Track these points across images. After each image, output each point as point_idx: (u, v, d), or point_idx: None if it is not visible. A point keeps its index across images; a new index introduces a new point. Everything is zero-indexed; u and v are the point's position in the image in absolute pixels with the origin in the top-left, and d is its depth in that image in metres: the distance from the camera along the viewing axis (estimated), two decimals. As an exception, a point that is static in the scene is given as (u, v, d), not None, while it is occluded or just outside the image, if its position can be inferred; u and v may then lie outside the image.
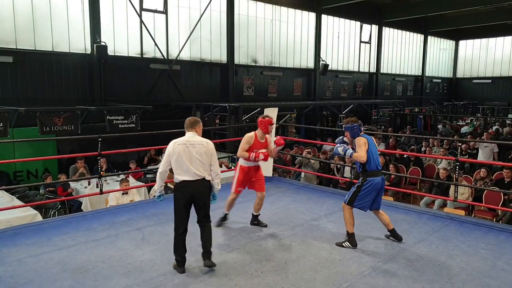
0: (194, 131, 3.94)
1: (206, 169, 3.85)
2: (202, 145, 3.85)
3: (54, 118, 9.45)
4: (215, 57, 15.52)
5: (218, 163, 4.06)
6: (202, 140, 3.89)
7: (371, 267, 3.86)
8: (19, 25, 11.29)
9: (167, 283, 3.53)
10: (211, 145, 3.91)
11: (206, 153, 3.84)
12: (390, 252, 4.21)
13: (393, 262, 3.98)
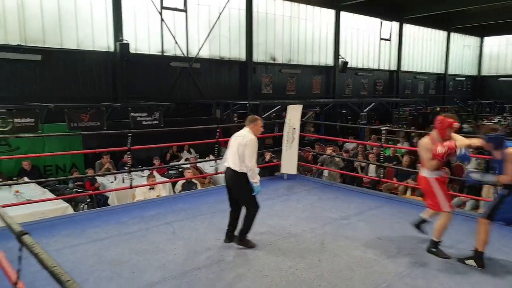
0: (249, 128, 4.23)
1: (237, 160, 4.10)
2: (241, 137, 4.15)
3: (81, 114, 9.67)
4: (234, 55, 15.57)
5: (254, 158, 4.13)
6: (245, 134, 4.17)
7: (409, 267, 3.79)
8: (47, 24, 11.55)
9: (202, 277, 3.59)
10: (248, 139, 4.09)
11: (241, 145, 4.08)
12: (427, 253, 4.10)
13: (433, 264, 3.87)
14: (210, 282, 3.48)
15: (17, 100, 10.57)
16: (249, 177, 4.08)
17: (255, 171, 4.11)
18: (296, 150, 7.03)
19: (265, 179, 7.54)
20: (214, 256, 4.03)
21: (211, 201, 6.04)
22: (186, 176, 8.38)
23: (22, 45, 11.20)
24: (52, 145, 9.79)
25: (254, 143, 4.10)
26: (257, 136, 4.25)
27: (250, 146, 4.05)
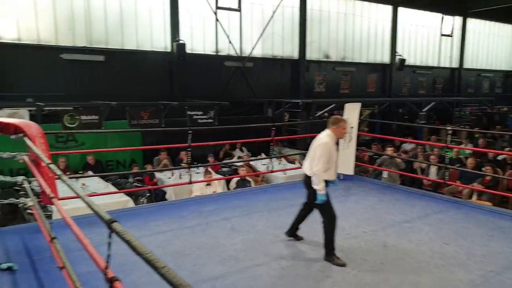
0: (330, 130, 4.02)
1: (310, 164, 3.97)
2: (317, 140, 4.01)
3: (141, 112, 10.06)
4: (287, 53, 15.51)
5: (321, 163, 3.90)
6: (321, 137, 4.01)
7: (482, 275, 3.55)
8: (110, 27, 12.16)
9: (263, 273, 3.58)
10: (320, 142, 3.93)
11: (313, 148, 3.97)
12: (503, 262, 3.83)
13: (509, 273, 3.61)
14: (272, 280, 3.46)
15: (83, 98, 11.23)
16: (312, 182, 3.89)
17: (319, 177, 3.85)
18: (353, 150, 6.85)
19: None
20: (273, 253, 4.01)
21: (266, 198, 6.04)
22: (240, 173, 8.46)
23: (88, 46, 11.88)
24: (113, 141, 10.28)
25: (325, 146, 3.87)
26: (339, 137, 4.06)
27: (320, 150, 3.86)
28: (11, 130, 4.12)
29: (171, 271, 1.12)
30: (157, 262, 1.11)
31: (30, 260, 3.89)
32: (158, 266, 1.09)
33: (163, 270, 1.07)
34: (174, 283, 1.04)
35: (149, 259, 1.14)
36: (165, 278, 1.09)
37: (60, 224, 3.18)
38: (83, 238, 1.89)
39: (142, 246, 1.29)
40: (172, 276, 1.05)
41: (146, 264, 1.26)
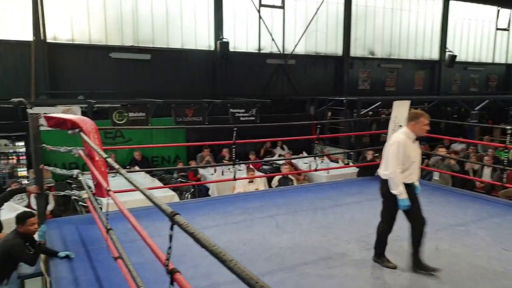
0: (408, 127, 3.61)
1: (383, 167, 3.68)
2: (389, 139, 3.77)
3: (186, 110, 10.27)
4: (331, 50, 15.26)
5: (394, 164, 3.56)
6: (394, 135, 3.72)
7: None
8: (156, 26, 12.49)
9: (311, 272, 3.53)
10: (393, 141, 3.60)
11: (385, 149, 3.69)
12: None
13: None
14: (320, 279, 3.41)
15: (130, 96, 11.62)
16: (389, 187, 3.55)
17: (394, 180, 3.48)
18: (402, 149, 6.60)
19: (366, 179, 7.26)
20: (320, 252, 3.95)
21: (311, 197, 5.97)
22: (283, 171, 8.43)
23: (135, 45, 12.27)
24: (159, 138, 10.58)
25: (398, 145, 3.49)
26: (416, 134, 3.58)
27: (392, 149, 3.51)
28: (69, 126, 4.32)
29: (240, 264, 1.11)
30: (224, 255, 1.10)
31: (85, 249, 4.07)
32: (226, 259, 1.08)
33: (231, 264, 1.06)
34: (243, 276, 1.03)
35: (215, 252, 1.14)
36: (233, 271, 1.09)
37: (111, 216, 3.30)
38: (141, 230, 1.93)
39: (207, 239, 1.30)
40: (241, 270, 1.04)
41: (214, 257, 1.26)
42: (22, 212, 4.08)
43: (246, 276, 1.02)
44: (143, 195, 1.94)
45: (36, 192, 5.01)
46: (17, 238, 3.77)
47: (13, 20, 10.66)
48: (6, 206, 5.45)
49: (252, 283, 0.99)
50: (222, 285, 3.27)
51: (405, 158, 3.52)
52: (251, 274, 1.05)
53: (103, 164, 4.32)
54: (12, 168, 8.98)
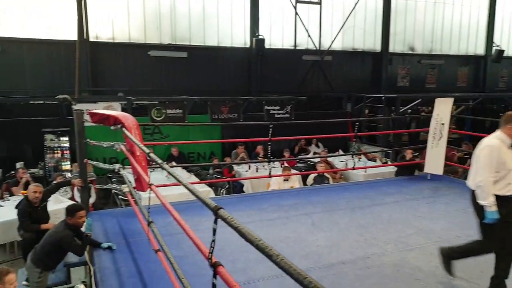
0: (502, 130, 3.21)
1: (472, 176, 3.24)
2: (479, 145, 3.27)
3: (221, 107, 10.38)
4: (368, 46, 14.93)
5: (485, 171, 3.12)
6: (485, 140, 3.27)
7: None
8: (193, 24, 12.68)
9: (348, 271, 3.48)
10: (483, 146, 3.21)
11: (475, 156, 3.26)
12: None
13: None
14: (358, 278, 3.36)
15: (167, 93, 11.87)
16: (476, 196, 3.17)
17: (484, 189, 3.07)
18: (443, 148, 6.39)
19: (405, 178, 7.08)
20: (358, 252, 3.89)
21: (348, 196, 5.88)
22: (319, 169, 8.34)
23: (172, 43, 12.51)
24: (195, 134, 10.75)
25: (490, 151, 3.11)
26: None
27: (484, 154, 3.13)
28: (111, 122, 4.46)
29: (287, 260, 1.10)
30: (270, 250, 1.10)
31: (126, 241, 4.20)
32: (272, 254, 1.08)
33: (278, 259, 1.05)
34: (291, 272, 1.02)
35: (261, 246, 1.14)
36: (280, 266, 1.08)
37: (150, 210, 3.38)
38: (183, 223, 1.97)
39: (252, 233, 1.30)
40: (288, 265, 1.03)
41: (260, 252, 1.26)
42: (72, 205, 4.27)
43: (293, 272, 1.01)
44: (187, 189, 1.98)
45: (80, 185, 5.23)
46: (66, 229, 3.94)
47: (58, 21, 11.14)
48: (52, 198, 5.73)
49: (300, 278, 0.99)
50: (259, 281, 3.28)
51: (500, 165, 3.09)
52: (298, 270, 1.04)
53: (143, 159, 4.44)
54: (57, 162, 9.39)
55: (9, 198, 6.99)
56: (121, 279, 3.36)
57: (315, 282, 0.96)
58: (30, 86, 10.94)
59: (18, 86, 10.79)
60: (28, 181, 7.29)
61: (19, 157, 8.98)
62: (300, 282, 0.99)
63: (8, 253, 6.34)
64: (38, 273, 3.99)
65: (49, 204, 5.57)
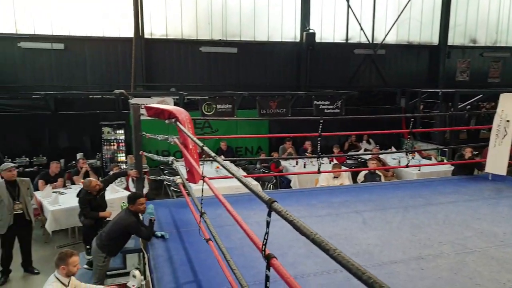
0: None
1: None
2: None
3: (270, 102, 10.38)
4: (425, 38, 14.29)
5: None
6: None
7: None
8: (243, 20, 12.78)
9: (401, 271, 3.37)
10: None
11: None
12: None
13: None
14: (411, 279, 3.23)
15: (216, 88, 12.09)
16: None
17: None
18: (508, 147, 5.97)
19: (462, 178, 6.71)
20: (411, 252, 3.74)
21: (400, 195, 5.67)
22: (370, 166, 8.11)
23: (223, 39, 12.69)
24: (243, 129, 10.85)
25: None
26: None
27: None
28: (166, 116, 4.61)
29: (344, 254, 1.08)
30: (327, 244, 1.08)
31: (177, 231, 4.34)
32: (329, 248, 1.06)
33: (335, 253, 1.03)
34: (349, 267, 1.00)
35: (317, 240, 1.12)
36: (337, 261, 1.06)
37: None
38: (236, 215, 1.99)
39: (307, 227, 1.29)
40: (346, 260, 1.01)
41: (316, 246, 1.24)
42: (132, 193, 4.52)
43: (352, 266, 0.99)
44: (240, 182, 2.00)
45: (136, 176, 5.46)
46: (131, 216, 4.15)
47: (115, 19, 11.67)
48: (109, 188, 6.05)
49: (359, 273, 0.96)
50: (309, 276, 3.26)
51: None
52: (357, 264, 1.02)
53: (195, 152, 4.55)
54: (113, 154, 9.87)
55: (71, 186, 7.43)
56: (173, 267, 3.48)
57: (374, 278, 0.93)
58: (90, 81, 11.59)
59: (79, 81, 11.47)
60: (88, 171, 7.73)
61: (79, 148, 9.53)
62: (358, 277, 0.97)
63: (69, 237, 6.79)
64: (103, 258, 4.24)
65: (106, 193, 5.88)
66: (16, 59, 11.01)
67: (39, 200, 6.67)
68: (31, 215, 5.57)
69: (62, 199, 6.57)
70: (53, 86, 11.06)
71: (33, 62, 11.12)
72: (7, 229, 5.33)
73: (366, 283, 0.97)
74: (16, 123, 9.26)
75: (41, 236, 6.85)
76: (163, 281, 3.21)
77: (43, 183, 7.19)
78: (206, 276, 3.26)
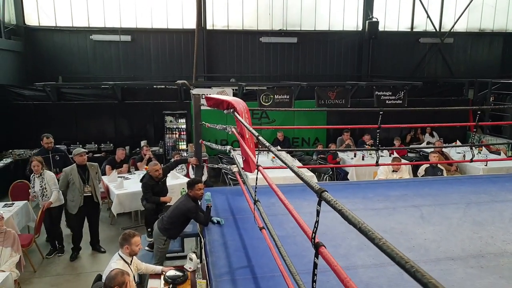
0: None
1: None
2: None
3: (328, 92, 10.27)
4: (499, 26, 13.26)
5: None
6: None
7: None
8: (304, 9, 12.68)
9: (458, 269, 3.26)
10: None
11: None
12: None
13: None
14: (468, 277, 3.12)
15: (275, 79, 12.16)
16: None
17: None
18: None
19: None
20: (471, 249, 3.59)
21: (463, 190, 5.41)
22: (431, 160, 7.78)
23: (283, 29, 12.69)
24: (300, 120, 10.85)
25: None
26: None
27: None
28: (225, 106, 4.77)
29: (388, 243, 1.12)
30: (373, 234, 1.12)
31: (233, 218, 4.51)
32: (375, 237, 1.10)
33: (380, 242, 1.07)
34: (393, 256, 1.04)
35: (364, 229, 1.17)
36: (383, 250, 1.10)
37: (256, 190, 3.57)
38: (288, 204, 2.07)
39: (356, 216, 1.34)
40: (391, 249, 1.05)
41: (362, 235, 1.29)
42: (191, 179, 4.74)
43: (396, 255, 1.02)
44: (292, 171, 2.07)
45: (195, 164, 5.73)
46: (190, 201, 4.38)
47: (178, 11, 12.13)
48: (170, 174, 6.37)
49: (402, 262, 1.00)
50: (360, 268, 3.27)
51: None
52: (401, 254, 1.05)
53: (252, 142, 4.68)
54: (175, 142, 10.36)
55: (135, 172, 7.91)
56: (228, 252, 3.64)
57: (416, 267, 0.96)
58: (154, 71, 12.19)
59: (144, 71, 12.12)
60: (151, 158, 8.18)
61: (143, 136, 10.11)
62: (402, 266, 1.01)
63: (133, 220, 7.27)
64: (163, 241, 4.52)
65: (168, 179, 6.20)
66: (88, 51, 11.87)
67: (106, 184, 7.15)
68: (98, 198, 6.00)
69: (127, 184, 7.00)
70: (120, 76, 11.80)
71: (102, 53, 11.93)
72: (78, 209, 5.79)
73: (409, 272, 1.00)
74: (87, 112, 10.00)
75: (107, 218, 7.38)
76: (217, 265, 3.37)
77: (110, 168, 7.65)
78: (259, 262, 3.38)
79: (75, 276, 5.56)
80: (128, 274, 3.24)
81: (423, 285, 0.93)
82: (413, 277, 0.97)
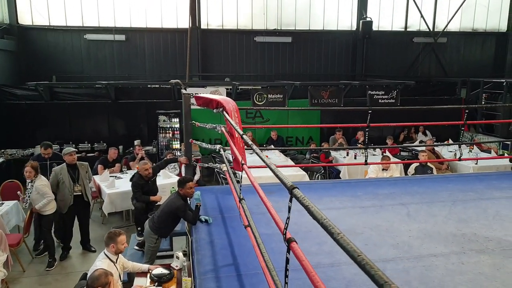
0: None
1: None
2: None
3: (321, 92, 10.32)
4: (492, 25, 13.36)
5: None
6: None
7: None
8: (299, 9, 12.72)
9: (440, 265, 3.31)
10: None
11: None
12: None
13: None
14: (449, 273, 3.17)
15: (269, 78, 12.20)
16: None
17: None
18: None
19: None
20: (453, 246, 3.65)
21: (451, 188, 5.46)
22: (421, 159, 7.85)
23: (278, 29, 12.73)
24: (294, 119, 10.90)
25: None
26: None
27: None
28: (214, 105, 4.81)
29: (346, 238, 1.16)
30: (333, 228, 1.17)
31: (221, 216, 4.55)
32: (334, 232, 1.15)
33: (338, 236, 1.12)
34: (348, 249, 1.08)
35: (325, 224, 1.21)
36: (339, 244, 1.15)
37: (245, 189, 3.61)
38: (266, 201, 2.11)
39: (320, 212, 1.38)
40: (346, 242, 1.09)
41: (323, 229, 1.34)
42: (182, 177, 4.75)
43: (350, 249, 1.07)
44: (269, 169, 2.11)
45: (186, 163, 5.75)
46: (180, 199, 4.40)
47: (172, 10, 12.14)
48: (161, 174, 6.39)
49: (354, 255, 1.04)
50: (343, 265, 3.31)
51: None
52: (355, 247, 1.10)
53: (241, 141, 4.71)
54: (168, 141, 10.38)
55: (127, 171, 7.87)
56: (214, 250, 3.68)
57: (367, 260, 1.00)
58: (148, 71, 12.20)
59: (138, 71, 12.13)
60: (143, 157, 8.19)
61: (137, 135, 10.11)
62: (354, 259, 1.05)
63: (124, 220, 7.28)
64: (155, 239, 4.53)
65: (159, 179, 6.21)
66: (82, 50, 11.87)
67: (98, 184, 7.15)
68: (89, 197, 6.01)
69: (118, 183, 6.99)
70: (114, 76, 11.80)
71: (96, 53, 11.93)
72: (68, 208, 5.78)
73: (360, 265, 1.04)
74: (80, 111, 10.00)
75: (99, 217, 7.40)
76: (203, 263, 3.41)
77: (102, 168, 7.62)
78: (244, 260, 3.42)
79: (64, 275, 5.57)
80: (112, 275, 3.25)
81: (370, 277, 0.97)
82: (363, 269, 1.01)
